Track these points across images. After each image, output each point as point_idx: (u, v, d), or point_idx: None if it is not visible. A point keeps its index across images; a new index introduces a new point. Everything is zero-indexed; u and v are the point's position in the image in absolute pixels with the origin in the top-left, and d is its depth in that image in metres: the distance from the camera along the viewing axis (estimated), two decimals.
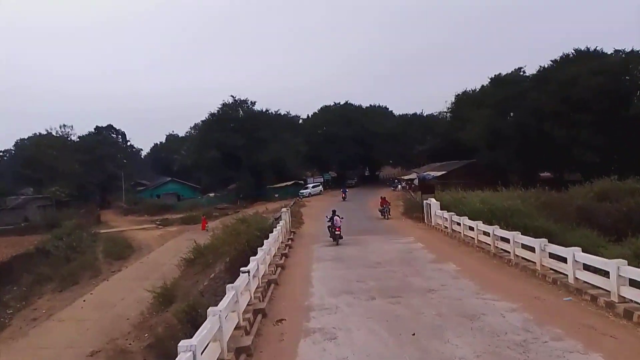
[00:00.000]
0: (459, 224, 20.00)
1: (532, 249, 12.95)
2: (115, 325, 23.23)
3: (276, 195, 61.44)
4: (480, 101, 55.14)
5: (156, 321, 22.60)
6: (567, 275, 11.05)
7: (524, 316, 9.27)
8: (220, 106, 68.62)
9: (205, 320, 7.24)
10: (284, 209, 26.96)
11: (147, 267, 31.76)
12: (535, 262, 12.67)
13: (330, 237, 22.00)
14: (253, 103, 68.80)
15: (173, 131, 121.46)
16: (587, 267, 10.58)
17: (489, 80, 58.41)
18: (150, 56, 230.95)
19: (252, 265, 11.81)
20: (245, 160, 64.13)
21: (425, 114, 79.89)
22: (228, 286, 9.34)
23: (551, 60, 48.71)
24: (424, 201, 25.68)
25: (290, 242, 22.43)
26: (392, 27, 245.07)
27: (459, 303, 10.54)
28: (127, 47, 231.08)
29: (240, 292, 9.63)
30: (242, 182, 64.65)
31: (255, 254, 14.47)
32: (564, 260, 11.26)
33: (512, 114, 52.11)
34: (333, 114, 77.67)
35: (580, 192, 30.42)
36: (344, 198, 51.55)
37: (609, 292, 9.40)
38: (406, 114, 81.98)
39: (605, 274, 9.70)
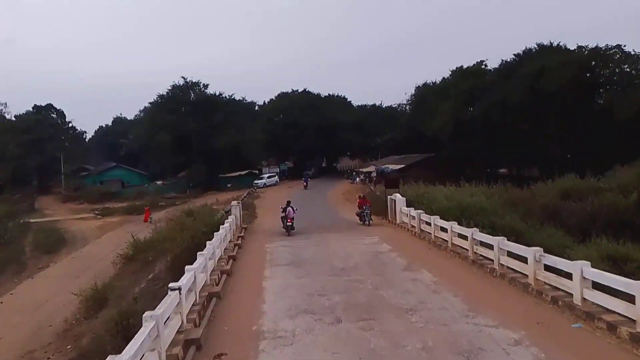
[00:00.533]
0: (428, 223, 18.10)
1: (523, 259, 11.08)
2: (36, 333, 19.93)
3: (229, 185, 58.30)
4: (443, 93, 54.15)
5: (83, 330, 19.56)
6: (571, 294, 9.19)
7: (532, 353, 7.27)
8: (170, 88, 64.34)
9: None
10: (234, 203, 24.23)
11: (79, 262, 28.26)
12: (527, 275, 10.79)
13: (282, 227, 21.95)
14: (205, 86, 65.15)
15: (121, 114, 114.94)
16: (596, 286, 8.79)
17: (450, 72, 57.62)
18: (99, 33, 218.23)
19: (186, 278, 9.25)
20: (197, 146, 60.46)
21: (384, 106, 78.60)
22: (145, 315, 6.76)
23: (514, 54, 48.29)
24: (388, 197, 23.73)
25: (240, 240, 19.85)
26: (351, 18, 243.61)
27: (446, 330, 8.44)
28: (72, 21, 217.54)
29: (164, 321, 7.08)
30: (193, 169, 60.97)
31: (201, 249, 12.33)
32: (567, 275, 9.42)
33: (474, 106, 51.34)
34: (292, 101, 74.94)
35: (543, 190, 29.68)
36: (305, 187, 52.25)
37: (635, 321, 7.55)
38: (365, 105, 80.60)
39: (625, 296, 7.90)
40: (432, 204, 22.53)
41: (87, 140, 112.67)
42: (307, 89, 77.85)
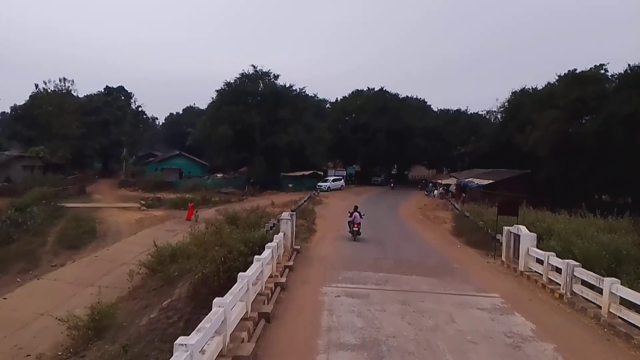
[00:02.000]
0: (592, 286, 10.99)
1: None
2: None
3: (290, 186, 52.95)
4: (545, 101, 45.29)
5: None
6: None
7: None
8: (238, 76, 60.08)
9: None
10: (285, 216, 18.03)
11: (100, 265, 23.64)
12: None
13: (349, 231, 21.74)
14: (276, 77, 60.14)
15: (194, 104, 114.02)
16: None
17: (558, 77, 48.46)
18: (182, 32, 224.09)
19: None
20: (260, 141, 55.63)
21: (470, 112, 69.98)
22: None
23: None
24: (505, 228, 16.58)
25: (285, 275, 13.72)
26: (434, 25, 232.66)
27: None
28: (162, 20, 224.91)
29: None
30: (254, 166, 56.18)
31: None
32: None
33: (586, 119, 42.26)
34: (366, 100, 68.49)
35: None
36: (392, 187, 54.57)
37: None
38: (448, 110, 72.34)
39: None
40: (566, 243, 15.34)
41: (158, 126, 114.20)
42: (384, 88, 71.11)
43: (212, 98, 60.63)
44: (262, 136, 55.44)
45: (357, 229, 21.23)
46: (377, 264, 15.67)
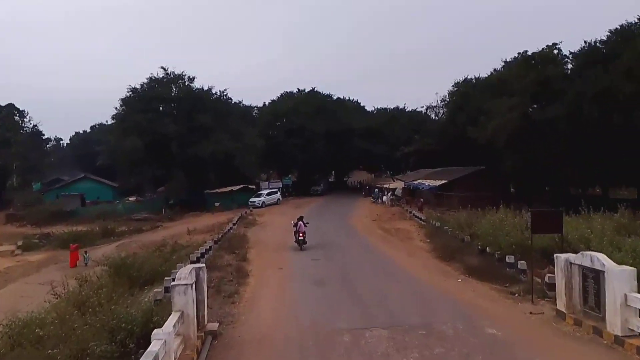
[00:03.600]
0: None
1: None
2: None
3: (217, 205, 44.82)
4: (498, 87, 40.96)
5: None
6: None
7: None
8: (146, 81, 51.11)
9: None
10: (183, 275, 9.64)
11: None
12: None
13: (295, 241, 21.01)
14: (191, 79, 51.81)
15: (107, 121, 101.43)
16: None
17: (504, 63, 44.63)
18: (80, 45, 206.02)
19: None
20: (177, 153, 47.04)
21: (408, 109, 65.32)
22: None
23: (610, 31, 35.01)
24: (562, 257, 9.96)
25: None
26: (358, 31, 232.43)
27: None
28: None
29: None
30: (172, 183, 47.46)
31: None
32: None
33: (549, 103, 38.09)
34: (298, 102, 61.81)
35: None
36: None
37: None
38: (385, 108, 67.33)
39: None
40: None
41: (62, 147, 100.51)
42: (315, 89, 64.79)
43: (117, 108, 51.03)
44: (180, 147, 46.90)
45: (302, 237, 21.05)
46: (360, 346, 8.58)
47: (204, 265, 10.40)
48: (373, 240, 22.96)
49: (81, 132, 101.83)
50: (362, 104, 74.11)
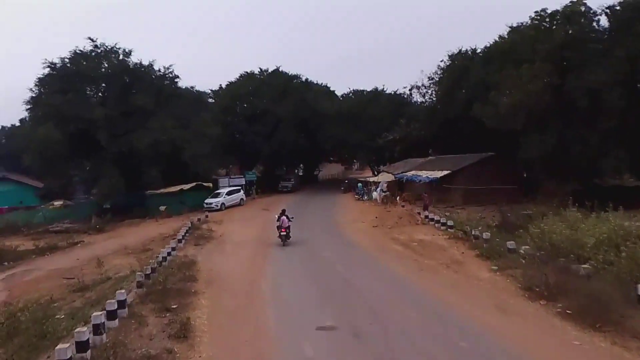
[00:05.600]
0: None
1: None
2: None
3: (162, 209, 34.91)
4: (510, 55, 33.29)
5: None
6: None
7: None
8: (69, 55, 40.30)
9: None
10: None
11: None
12: None
13: (278, 236, 19.75)
14: (127, 53, 41.24)
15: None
16: None
17: (510, 29, 36.99)
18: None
19: None
20: (109, 144, 36.81)
21: (388, 92, 56.91)
22: None
23: None
24: None
25: None
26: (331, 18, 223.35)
27: None
28: None
29: None
30: (103, 183, 37.11)
31: None
32: None
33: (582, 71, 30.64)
34: (261, 83, 52.38)
35: None
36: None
37: None
38: (362, 91, 58.75)
39: None
40: None
41: None
42: (280, 68, 55.37)
43: (32, 90, 39.98)
44: (112, 137, 36.63)
45: (285, 233, 19.76)
46: None
47: None
48: (401, 270, 14.21)
49: (9, 126, 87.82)
50: (332, 90, 65.41)
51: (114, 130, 36.84)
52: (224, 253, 18.50)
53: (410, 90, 51.83)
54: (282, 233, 19.69)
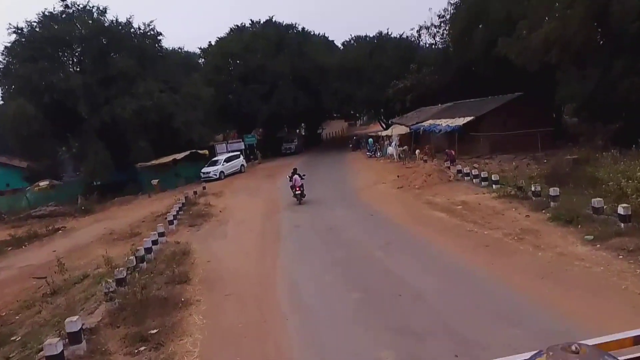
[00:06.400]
0: None
1: None
2: None
3: (154, 183, 31.39)
4: None
5: None
6: None
7: None
8: (38, 18, 35.87)
9: None
10: None
11: None
12: None
13: (293, 196, 19.43)
14: (103, 11, 36.71)
15: None
16: None
17: None
18: None
19: None
20: (90, 115, 33.07)
21: (394, 36, 51.90)
22: None
23: None
24: None
25: None
26: None
27: None
28: None
29: None
30: (88, 159, 33.55)
31: None
32: None
33: None
34: (253, 37, 47.68)
35: None
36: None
37: None
38: (365, 37, 53.77)
39: None
40: None
41: None
42: (273, 18, 50.41)
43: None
44: (93, 107, 32.79)
45: (299, 192, 19.48)
46: None
47: None
48: (457, 249, 10.69)
49: None
50: (331, 40, 60.37)
51: (94, 100, 32.93)
52: (225, 236, 15.07)
53: (418, 32, 47.02)
54: (296, 192, 19.49)
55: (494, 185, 16.92)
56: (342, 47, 56.80)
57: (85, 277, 13.83)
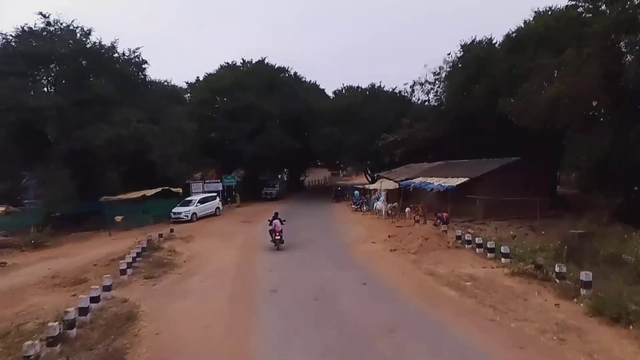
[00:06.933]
0: None
1: None
2: None
3: (118, 219, 28.42)
4: (546, 40, 28.17)
5: None
6: None
7: None
8: (16, 32, 33.67)
9: None
10: None
11: None
12: None
13: (271, 240, 19.35)
14: (87, 33, 34.71)
15: None
16: None
17: (534, 14, 31.94)
18: None
19: None
20: (58, 139, 30.37)
21: (386, 89, 51.09)
22: None
23: None
24: None
25: None
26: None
27: None
28: None
29: None
30: (51, 185, 30.45)
31: None
32: None
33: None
34: (243, 75, 46.25)
35: None
36: None
37: None
38: (357, 88, 52.93)
39: None
40: None
41: None
42: (265, 59, 49.25)
43: None
44: (62, 130, 30.10)
45: (279, 237, 19.41)
46: None
47: None
48: (486, 348, 8.30)
49: None
50: (322, 88, 59.52)
51: (65, 123, 30.22)
52: (186, 296, 12.30)
53: (412, 87, 46.25)
54: (276, 237, 19.38)
55: (502, 259, 14.72)
56: (333, 96, 55.93)
57: (7, 334, 10.89)
